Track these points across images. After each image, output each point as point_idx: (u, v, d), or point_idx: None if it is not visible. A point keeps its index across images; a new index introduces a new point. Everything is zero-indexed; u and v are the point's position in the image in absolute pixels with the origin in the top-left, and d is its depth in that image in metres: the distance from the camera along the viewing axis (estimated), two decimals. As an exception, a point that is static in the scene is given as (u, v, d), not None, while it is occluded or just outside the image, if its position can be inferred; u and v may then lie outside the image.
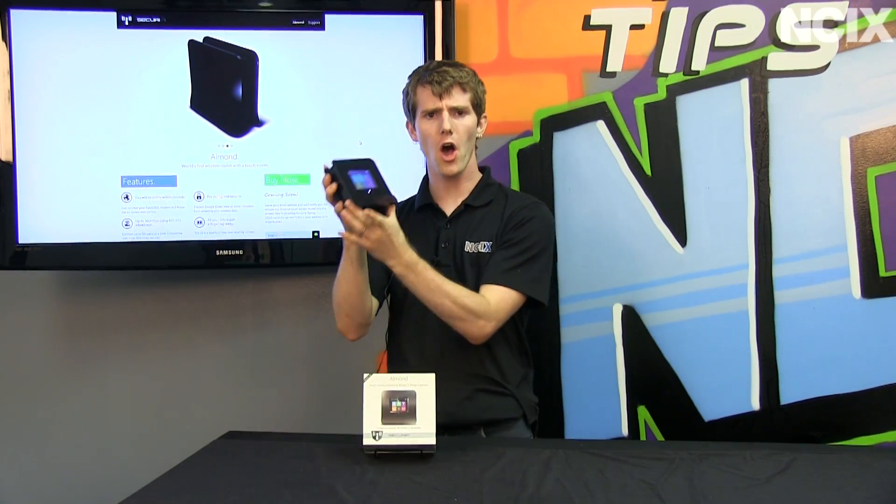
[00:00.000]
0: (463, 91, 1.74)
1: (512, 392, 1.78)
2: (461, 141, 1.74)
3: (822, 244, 2.18)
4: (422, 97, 1.75)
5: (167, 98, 2.18)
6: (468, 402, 1.74)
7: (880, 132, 2.17)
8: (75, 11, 2.15)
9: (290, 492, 1.37)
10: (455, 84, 1.73)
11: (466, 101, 1.74)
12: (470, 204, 1.80)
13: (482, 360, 1.75)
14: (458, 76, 1.74)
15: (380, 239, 1.58)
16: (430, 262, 1.72)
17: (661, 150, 2.23)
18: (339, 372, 2.33)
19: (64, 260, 2.21)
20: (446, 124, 1.72)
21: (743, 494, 1.36)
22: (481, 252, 1.76)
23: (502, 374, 1.77)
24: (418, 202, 1.86)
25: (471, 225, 1.79)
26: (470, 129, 1.75)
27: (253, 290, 2.39)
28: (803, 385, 2.20)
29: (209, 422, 2.00)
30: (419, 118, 1.77)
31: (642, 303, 2.25)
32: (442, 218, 1.81)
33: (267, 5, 2.22)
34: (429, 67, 1.77)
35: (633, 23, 2.22)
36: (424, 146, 1.78)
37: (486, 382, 1.76)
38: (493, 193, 1.82)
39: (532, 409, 1.83)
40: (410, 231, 1.78)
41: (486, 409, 1.76)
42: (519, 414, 1.80)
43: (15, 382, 2.41)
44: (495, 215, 1.79)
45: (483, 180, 1.83)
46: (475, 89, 1.76)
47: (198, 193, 2.20)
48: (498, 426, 1.77)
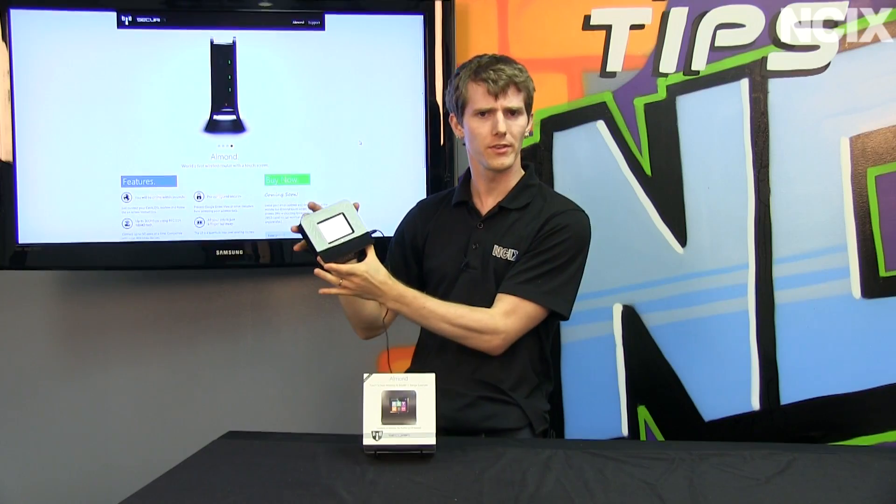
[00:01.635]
0: (518, 91, 1.67)
1: (517, 401, 1.74)
2: (515, 141, 1.69)
3: (822, 244, 2.18)
4: (474, 94, 1.67)
5: (167, 98, 2.18)
6: (470, 409, 1.73)
7: (880, 132, 2.17)
8: (75, 11, 2.15)
9: (290, 492, 1.37)
10: (511, 84, 1.66)
11: (521, 101, 1.68)
12: (505, 206, 1.75)
13: (489, 367, 1.73)
14: (513, 74, 1.66)
15: (360, 285, 1.59)
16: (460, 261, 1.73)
17: (661, 150, 2.23)
18: (339, 372, 2.33)
19: (64, 260, 2.21)
20: (501, 126, 1.65)
21: (743, 494, 1.36)
22: (508, 260, 1.72)
23: (510, 384, 1.74)
24: (456, 198, 1.80)
25: (502, 229, 1.74)
26: (523, 130, 1.70)
27: (253, 290, 2.39)
28: (803, 385, 2.20)
29: (209, 422, 2.00)
30: (469, 115, 1.69)
31: (642, 303, 2.25)
32: (476, 218, 1.76)
33: (267, 5, 2.22)
34: (481, 63, 1.68)
35: (633, 23, 2.22)
36: (472, 143, 1.72)
37: (489, 390, 1.74)
38: (531, 195, 1.76)
39: (540, 418, 1.78)
40: (440, 227, 1.79)
41: (488, 416, 1.73)
42: (523, 423, 1.75)
43: (15, 382, 2.41)
44: (529, 221, 1.73)
45: (523, 180, 1.77)
46: (528, 87, 1.69)
47: (198, 193, 2.20)
48: (500, 435, 1.73)
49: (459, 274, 1.74)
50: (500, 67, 1.67)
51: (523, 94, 1.69)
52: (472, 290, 1.73)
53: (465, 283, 1.74)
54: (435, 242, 1.80)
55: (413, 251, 1.82)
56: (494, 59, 1.70)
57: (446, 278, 1.76)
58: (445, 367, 1.69)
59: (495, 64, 1.68)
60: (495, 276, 1.72)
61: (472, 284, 1.73)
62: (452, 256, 1.75)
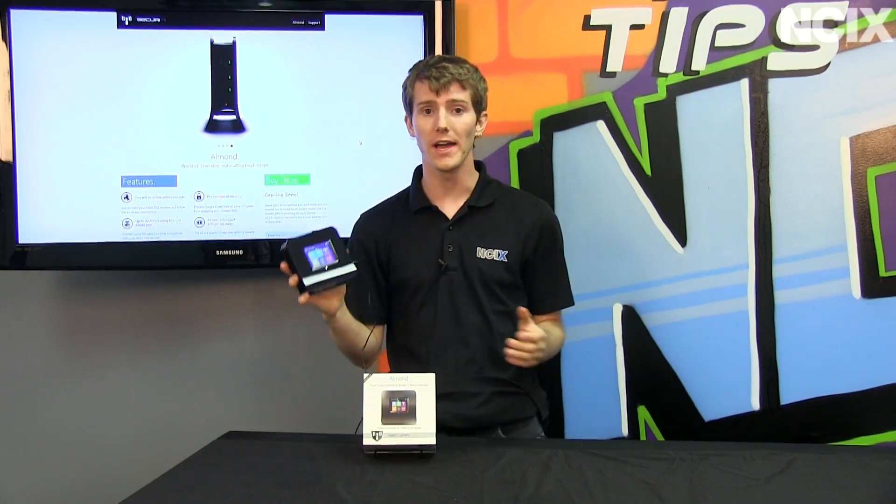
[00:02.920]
0: (462, 88, 1.69)
1: (526, 391, 1.80)
2: (459, 139, 1.69)
3: (822, 244, 2.18)
4: (419, 92, 1.70)
5: (167, 98, 2.18)
6: (486, 406, 1.74)
7: (880, 132, 2.17)
8: (75, 11, 2.15)
9: (290, 492, 1.37)
10: (454, 80, 1.67)
11: (466, 97, 1.69)
12: (474, 205, 1.77)
13: (493, 364, 1.74)
14: (457, 72, 1.68)
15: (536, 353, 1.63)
16: (436, 266, 1.72)
17: (661, 150, 2.23)
18: (339, 372, 2.32)
19: (64, 260, 2.21)
20: (442, 122, 1.66)
21: (743, 494, 1.36)
22: (496, 261, 1.74)
23: (517, 375, 1.77)
24: (414, 205, 1.79)
25: (479, 229, 1.76)
26: (468, 127, 1.70)
27: (253, 290, 2.39)
28: (803, 385, 2.20)
29: (209, 422, 2.00)
30: (416, 113, 1.72)
31: (642, 303, 2.25)
32: (444, 220, 1.77)
33: (267, 5, 2.22)
34: (428, 62, 1.71)
35: (633, 23, 2.22)
36: (419, 142, 1.74)
37: (501, 385, 1.76)
38: (493, 193, 1.79)
39: (544, 405, 1.86)
40: (404, 235, 1.78)
41: (504, 410, 1.77)
42: (534, 412, 1.83)
43: (15, 382, 2.41)
44: (508, 220, 1.77)
45: (482, 179, 1.80)
46: (476, 86, 1.71)
47: (198, 193, 2.20)
48: (515, 425, 1.79)
49: (439, 277, 1.74)
50: (444, 66, 1.69)
51: (469, 92, 1.70)
52: (456, 292, 1.74)
53: (446, 286, 1.74)
54: (402, 252, 1.78)
55: (379, 265, 1.80)
56: (440, 59, 1.74)
57: (424, 285, 1.75)
58: (446, 373, 1.69)
59: (440, 63, 1.70)
60: (480, 276, 1.73)
61: (455, 286, 1.74)
62: (426, 263, 1.75)
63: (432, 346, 1.75)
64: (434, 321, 1.74)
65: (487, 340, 1.74)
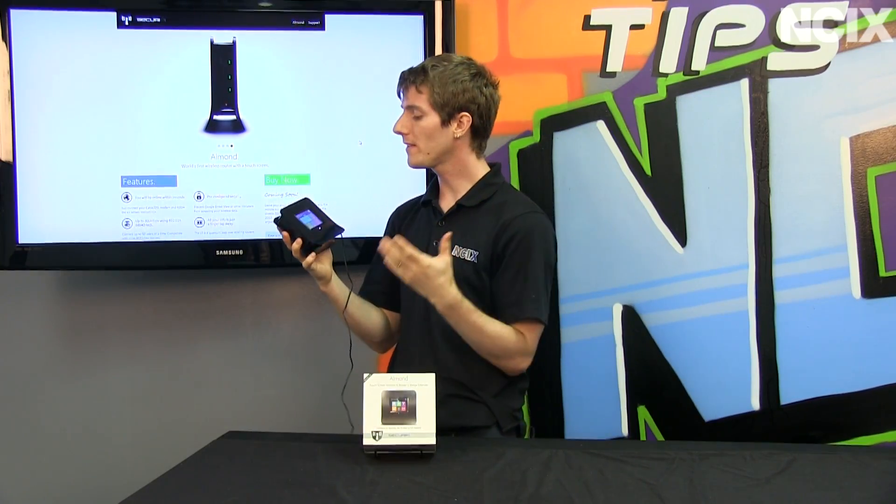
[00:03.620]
0: (417, 92, 1.71)
1: (484, 400, 1.74)
2: (417, 141, 1.74)
3: (822, 244, 2.18)
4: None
5: (167, 98, 2.18)
6: (440, 407, 1.67)
7: (880, 132, 2.17)
8: (75, 11, 2.15)
9: (290, 492, 1.37)
10: (410, 85, 1.72)
11: (421, 102, 1.71)
12: (463, 204, 1.77)
13: (457, 366, 1.73)
14: (413, 78, 1.72)
15: (416, 275, 1.60)
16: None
17: (661, 150, 2.23)
18: (339, 372, 2.32)
19: (64, 260, 2.21)
20: (396, 125, 1.75)
21: (743, 494, 1.36)
22: (466, 260, 1.73)
23: (477, 382, 1.74)
24: (424, 197, 1.87)
25: (462, 227, 1.75)
26: (425, 130, 1.72)
27: (253, 290, 2.39)
28: (803, 385, 2.20)
29: (209, 422, 2.00)
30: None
31: (642, 303, 2.25)
32: (438, 216, 1.80)
33: (267, 5, 2.22)
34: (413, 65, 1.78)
35: (633, 23, 2.22)
36: None
37: (457, 388, 1.73)
38: (489, 193, 1.78)
39: (508, 416, 1.78)
40: (409, 227, 1.83)
41: (456, 414, 1.72)
42: (491, 422, 1.75)
43: (15, 382, 2.41)
44: (488, 221, 1.75)
45: (484, 179, 1.79)
46: (443, 88, 1.70)
47: (198, 193, 2.20)
48: (468, 433, 1.73)
49: None
50: (409, 70, 1.75)
51: (426, 96, 1.71)
52: None
53: None
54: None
55: None
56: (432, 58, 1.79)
57: None
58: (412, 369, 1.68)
59: (414, 66, 1.75)
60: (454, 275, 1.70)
61: None
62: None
63: (408, 337, 1.80)
64: (411, 313, 1.77)
65: (452, 339, 1.71)
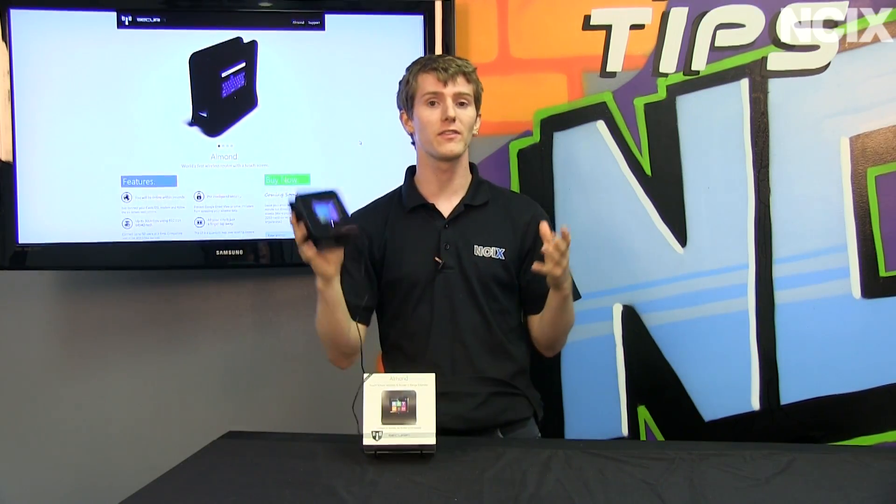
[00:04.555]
0: (467, 81, 1.71)
1: (523, 392, 1.80)
2: (463, 129, 1.70)
3: (822, 244, 2.18)
4: (424, 83, 1.70)
5: (167, 98, 2.18)
6: (484, 407, 1.74)
7: (880, 132, 2.17)
8: (75, 11, 2.15)
9: (290, 492, 1.37)
10: (460, 73, 1.70)
11: (470, 90, 1.72)
12: (469, 204, 1.77)
13: (492, 365, 1.75)
14: (462, 65, 1.72)
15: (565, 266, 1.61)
16: (433, 264, 1.72)
17: (661, 150, 2.23)
18: (339, 372, 2.33)
19: (64, 260, 2.21)
20: (451, 111, 1.67)
21: (743, 494, 1.36)
22: (493, 258, 1.74)
23: (512, 376, 1.77)
24: (409, 203, 1.78)
25: (476, 227, 1.76)
26: (471, 121, 1.73)
27: (253, 290, 2.39)
28: (803, 385, 2.20)
29: (209, 422, 2.00)
30: (419, 105, 1.71)
31: (642, 303, 2.25)
32: (440, 219, 1.77)
33: (267, 5, 2.22)
34: (431, 57, 1.76)
35: (633, 23, 2.22)
36: (422, 133, 1.72)
37: (497, 385, 1.75)
38: (487, 193, 1.80)
39: (539, 406, 1.85)
40: (399, 234, 1.77)
41: (503, 411, 1.76)
42: (530, 413, 1.82)
43: (15, 382, 2.41)
44: (503, 219, 1.78)
45: (475, 179, 1.81)
46: (477, 83, 1.75)
47: (198, 193, 2.20)
48: (513, 426, 1.78)
49: (435, 276, 1.73)
50: (450, 59, 1.73)
51: (473, 87, 1.73)
52: (452, 290, 1.73)
53: (443, 284, 1.73)
54: (396, 250, 1.76)
55: (372, 264, 1.78)
56: (443, 55, 1.81)
57: (420, 282, 1.74)
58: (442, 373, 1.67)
59: (445, 56, 1.76)
60: (478, 274, 1.73)
61: (451, 284, 1.73)
62: (422, 260, 1.74)
63: (428, 345, 1.74)
64: (430, 320, 1.73)
65: (485, 339, 1.74)
